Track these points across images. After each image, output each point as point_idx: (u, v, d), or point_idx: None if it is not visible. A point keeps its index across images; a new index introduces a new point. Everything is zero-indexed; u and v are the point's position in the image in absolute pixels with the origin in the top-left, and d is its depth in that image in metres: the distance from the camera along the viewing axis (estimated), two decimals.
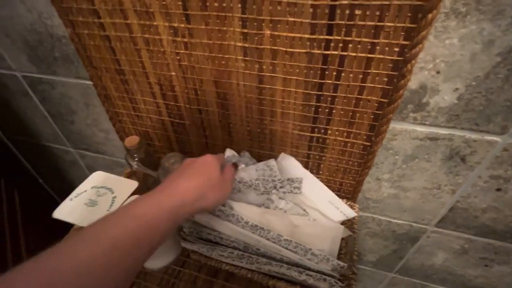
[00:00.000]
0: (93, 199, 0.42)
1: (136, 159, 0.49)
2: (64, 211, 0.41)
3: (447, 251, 0.53)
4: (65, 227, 0.44)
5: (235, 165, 0.40)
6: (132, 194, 0.43)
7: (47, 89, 0.56)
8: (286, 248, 0.36)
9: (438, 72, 0.31)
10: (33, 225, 0.78)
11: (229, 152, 0.47)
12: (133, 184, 0.45)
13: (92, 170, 0.76)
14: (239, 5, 0.30)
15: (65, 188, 0.87)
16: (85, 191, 0.44)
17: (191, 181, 0.31)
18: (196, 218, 0.38)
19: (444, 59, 0.30)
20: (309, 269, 0.35)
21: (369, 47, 0.29)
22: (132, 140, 0.47)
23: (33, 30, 0.46)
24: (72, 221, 0.39)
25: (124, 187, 0.44)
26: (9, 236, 0.72)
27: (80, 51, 0.42)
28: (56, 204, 0.41)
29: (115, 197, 0.43)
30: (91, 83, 0.50)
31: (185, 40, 0.35)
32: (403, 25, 0.26)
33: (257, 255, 0.35)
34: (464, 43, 0.28)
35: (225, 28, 0.32)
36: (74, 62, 0.48)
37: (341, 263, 0.35)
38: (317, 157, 0.42)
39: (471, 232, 0.47)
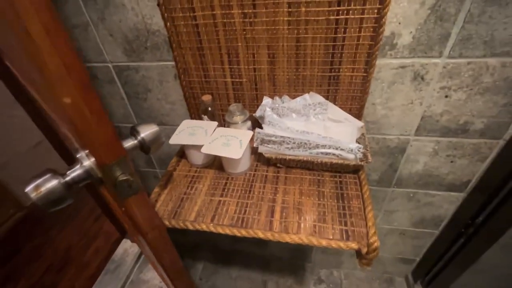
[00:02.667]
0: (192, 132, 0.63)
1: (208, 112, 0.71)
2: (176, 139, 0.61)
3: (425, 155, 0.77)
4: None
5: None
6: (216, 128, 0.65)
7: (131, 74, 0.77)
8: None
9: (399, 23, 0.56)
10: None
11: (266, 99, 0.70)
12: (215, 123, 0.66)
13: None
14: None
15: None
16: (183, 129, 0.65)
17: None
18: (265, 130, 0.60)
19: (401, 15, 0.55)
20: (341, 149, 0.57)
21: (361, 11, 0.53)
22: (207, 97, 0.69)
23: (135, 28, 0.67)
24: (185, 142, 0.60)
25: (209, 125, 0.66)
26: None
27: (172, 37, 0.64)
28: None
29: (206, 130, 0.64)
30: (170, 63, 0.72)
31: (251, 20, 0.58)
32: None
33: (310, 145, 0.58)
34: (410, 4, 0.53)
35: (277, 9, 0.56)
36: (160, 49, 0.70)
37: (359, 145, 0.58)
38: (334, 90, 0.66)
39: (437, 135, 0.72)
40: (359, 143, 0.62)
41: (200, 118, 0.72)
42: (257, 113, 0.69)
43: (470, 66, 0.59)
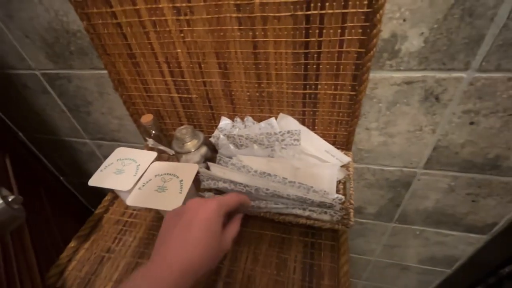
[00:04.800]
0: (120, 168, 0.48)
1: (152, 135, 0.55)
2: (97, 180, 0.47)
3: (437, 191, 0.59)
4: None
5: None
6: (153, 161, 0.49)
7: (64, 84, 0.62)
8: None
9: (404, 20, 0.37)
10: (62, 219, 0.85)
11: (224, 120, 0.53)
12: (153, 154, 0.51)
13: None
14: None
15: (85, 183, 0.94)
16: (112, 163, 0.50)
17: (188, 252, 0.27)
18: (212, 171, 0.44)
19: (408, 7, 0.35)
20: (312, 205, 0.41)
21: (342, 3, 0.35)
22: (147, 117, 0.53)
23: (51, 28, 0.51)
24: (105, 186, 0.46)
25: (145, 157, 0.50)
26: (46, 233, 0.78)
27: (94, 40, 0.48)
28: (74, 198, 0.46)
29: (139, 165, 0.49)
30: (105, 71, 0.56)
31: (187, 17, 0.41)
32: None
33: (267, 195, 0.41)
34: None
35: (220, 2, 0.38)
36: (88, 54, 0.54)
37: (340, 196, 0.41)
38: (311, 112, 0.48)
39: (455, 169, 0.53)
40: (343, 189, 0.45)
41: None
42: (212, 139, 0.53)
43: None
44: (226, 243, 0.31)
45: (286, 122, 0.49)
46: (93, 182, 0.46)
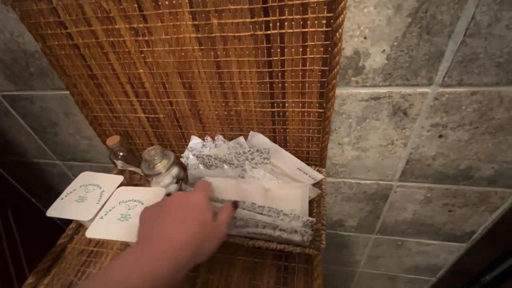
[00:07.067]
0: (82, 195, 0.46)
1: (120, 157, 0.53)
2: (56, 210, 0.44)
3: (414, 203, 0.58)
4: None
5: (235, 205, 0.37)
6: (119, 186, 0.47)
7: (27, 105, 0.59)
8: (261, 214, 0.40)
9: (365, 38, 0.36)
10: (31, 244, 0.80)
11: (194, 140, 0.52)
12: (119, 178, 0.48)
13: None
14: (187, 0, 0.35)
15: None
16: (74, 190, 0.47)
17: (184, 229, 0.26)
18: None
19: (367, 26, 0.35)
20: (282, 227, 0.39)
21: (301, 22, 0.34)
22: (113, 139, 0.51)
23: (7, 49, 0.49)
24: (64, 216, 0.43)
25: (110, 182, 0.48)
26: (10, 258, 0.74)
27: (53, 62, 0.46)
28: (48, 219, 0.44)
29: (103, 191, 0.46)
30: (68, 92, 0.53)
31: (146, 38, 0.39)
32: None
33: (234, 221, 0.40)
34: (379, 9, 0.34)
35: (178, 23, 0.37)
36: (49, 75, 0.52)
37: (311, 218, 0.40)
38: (282, 130, 0.47)
39: (429, 181, 0.53)
40: (316, 207, 0.44)
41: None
42: (182, 159, 0.51)
43: (476, 98, 0.39)
44: (221, 228, 0.31)
45: (257, 140, 0.48)
46: (52, 212, 0.43)
